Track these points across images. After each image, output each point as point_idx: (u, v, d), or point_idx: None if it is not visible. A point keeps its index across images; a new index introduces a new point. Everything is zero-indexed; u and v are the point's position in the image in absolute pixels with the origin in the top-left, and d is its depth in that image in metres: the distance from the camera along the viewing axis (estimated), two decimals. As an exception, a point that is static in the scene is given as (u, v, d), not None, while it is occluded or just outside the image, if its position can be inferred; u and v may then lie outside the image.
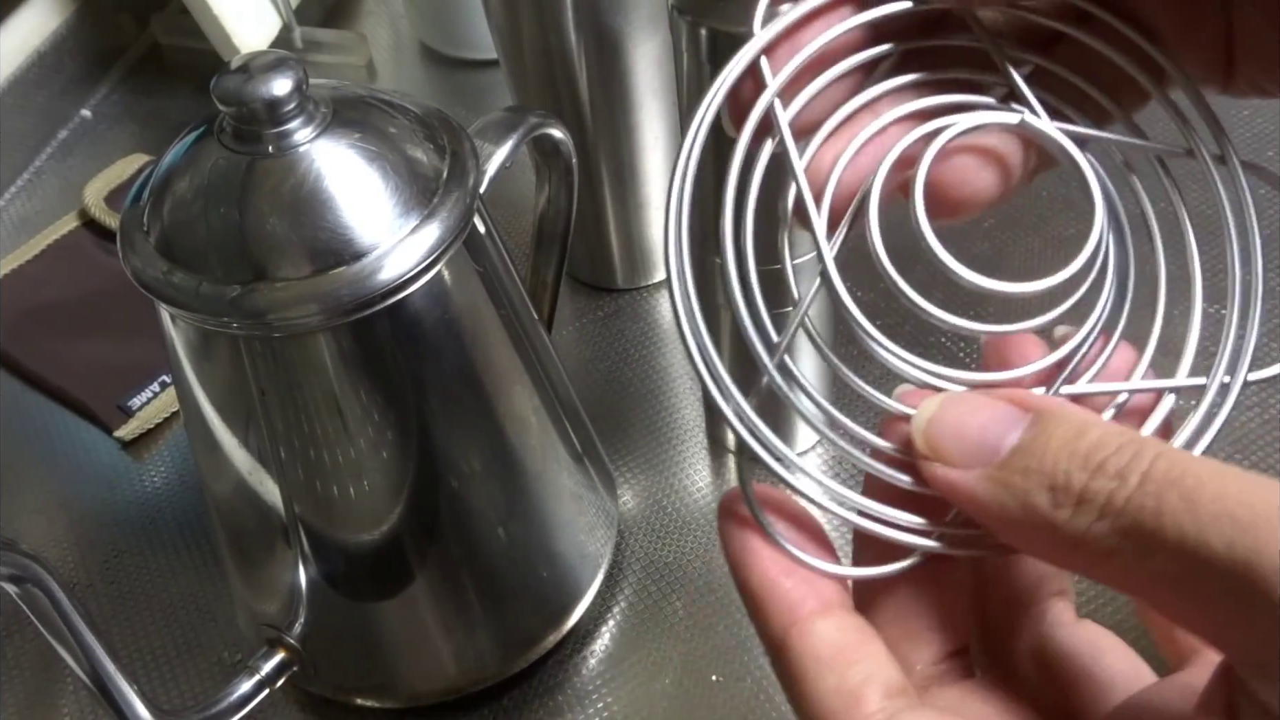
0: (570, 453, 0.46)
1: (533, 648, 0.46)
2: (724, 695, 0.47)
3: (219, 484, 0.41)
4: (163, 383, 0.60)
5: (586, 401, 0.48)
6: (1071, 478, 0.18)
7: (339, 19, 0.86)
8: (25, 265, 0.67)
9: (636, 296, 0.63)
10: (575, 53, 0.51)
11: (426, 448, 0.39)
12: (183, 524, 0.55)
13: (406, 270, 0.34)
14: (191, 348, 0.37)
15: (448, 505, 0.40)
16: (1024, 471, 0.19)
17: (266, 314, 0.33)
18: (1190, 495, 0.17)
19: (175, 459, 0.58)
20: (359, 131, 0.35)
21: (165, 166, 0.35)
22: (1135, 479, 0.18)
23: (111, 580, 0.53)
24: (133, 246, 0.35)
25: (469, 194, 0.36)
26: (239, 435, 0.38)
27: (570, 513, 0.46)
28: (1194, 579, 0.17)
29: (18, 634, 0.51)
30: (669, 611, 0.50)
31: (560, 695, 0.47)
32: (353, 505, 0.39)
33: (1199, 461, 0.18)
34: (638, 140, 0.55)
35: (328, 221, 0.33)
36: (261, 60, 0.34)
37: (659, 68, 0.52)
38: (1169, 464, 0.18)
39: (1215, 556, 0.17)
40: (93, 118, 0.80)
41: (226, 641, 0.50)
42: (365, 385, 0.37)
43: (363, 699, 0.46)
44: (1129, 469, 0.18)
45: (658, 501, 0.53)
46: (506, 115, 0.42)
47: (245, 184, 0.33)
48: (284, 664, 0.42)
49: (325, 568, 0.41)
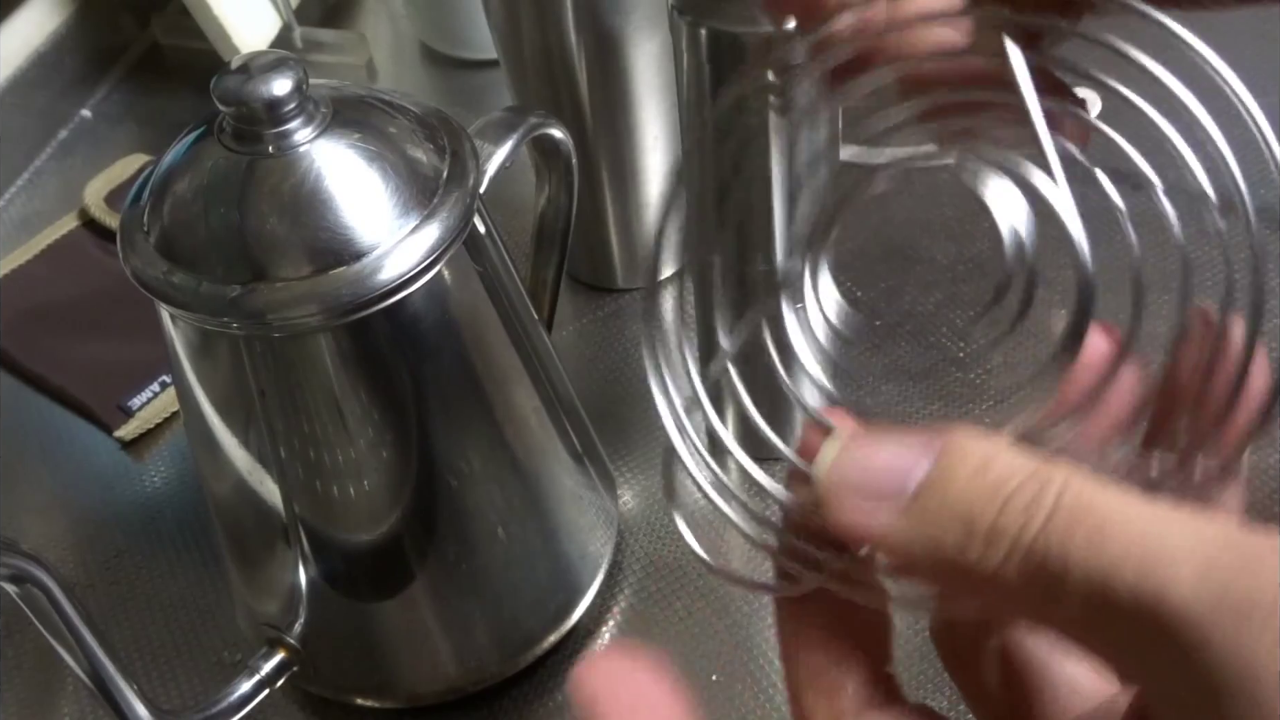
0: (570, 453, 0.46)
1: (533, 648, 0.46)
2: (724, 695, 0.47)
3: (219, 484, 0.41)
4: (163, 383, 0.60)
5: (586, 401, 0.48)
6: (979, 515, 0.17)
7: (339, 19, 0.86)
8: (25, 265, 0.67)
9: (636, 296, 0.63)
10: (575, 53, 0.51)
11: (426, 448, 0.39)
12: (183, 524, 0.55)
13: (406, 270, 0.34)
14: (191, 348, 0.37)
15: (447, 505, 0.40)
16: (931, 511, 0.18)
17: (266, 314, 0.33)
18: (1097, 530, 0.16)
19: (175, 459, 0.58)
20: (359, 131, 0.35)
21: (165, 166, 0.35)
22: (1041, 515, 0.17)
23: (111, 580, 0.53)
24: (133, 246, 0.35)
25: (469, 194, 0.36)
26: (239, 435, 0.38)
27: (570, 513, 0.46)
28: (1103, 619, 0.16)
29: (18, 634, 0.51)
30: (669, 611, 0.50)
31: (560, 695, 0.47)
32: (353, 505, 0.39)
33: (1109, 493, 0.17)
34: (638, 140, 0.55)
35: (328, 221, 0.33)
36: (261, 60, 0.34)
37: (659, 68, 0.52)
38: (1075, 497, 0.17)
39: (1123, 594, 0.16)
40: (93, 118, 0.80)
41: (226, 641, 0.50)
42: (365, 385, 0.37)
43: (363, 699, 0.46)
44: (1035, 504, 0.17)
45: (658, 501, 0.53)
46: (506, 115, 0.42)
47: (245, 184, 0.33)
48: (284, 664, 0.42)
49: (325, 567, 0.41)
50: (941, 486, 0.18)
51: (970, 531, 0.17)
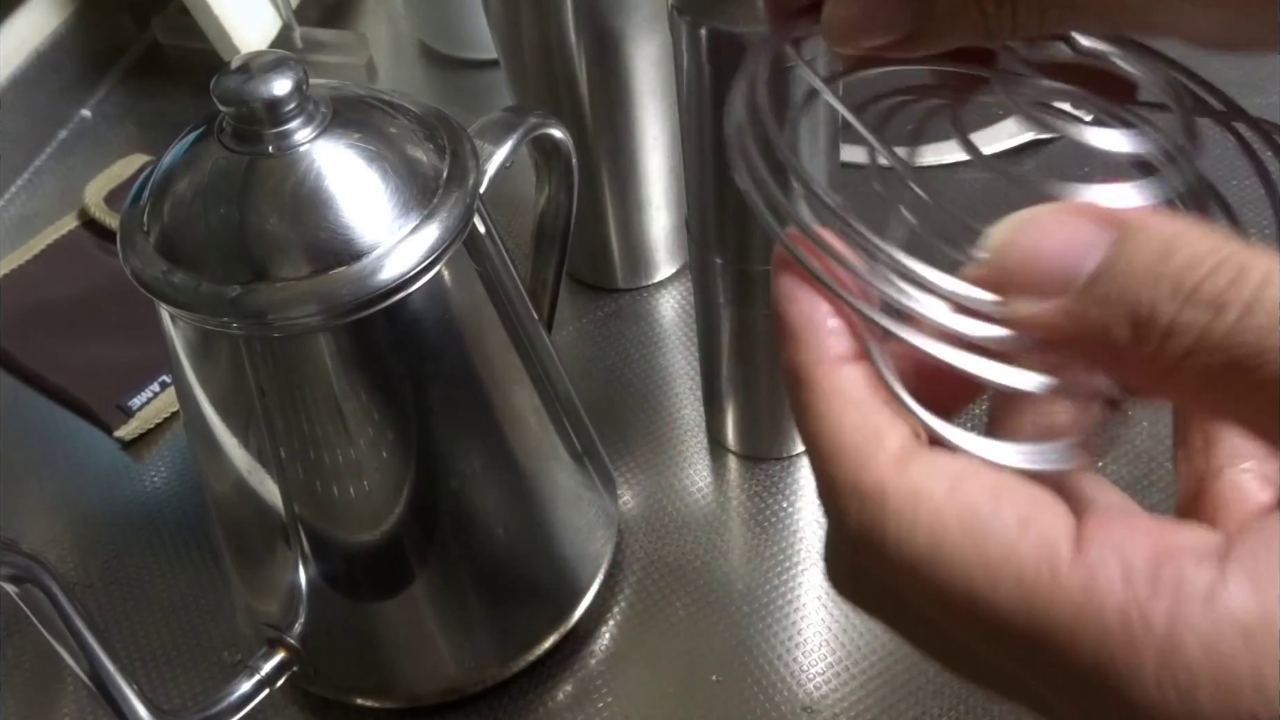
0: (570, 453, 0.46)
1: (533, 648, 0.46)
2: (724, 695, 0.47)
3: (219, 484, 0.41)
4: (163, 383, 0.60)
5: (586, 401, 0.48)
6: (1157, 308, 0.16)
7: (339, 19, 0.86)
8: (25, 265, 0.67)
9: (636, 296, 0.63)
10: (575, 53, 0.51)
11: (426, 448, 0.39)
12: (183, 524, 0.55)
13: (406, 270, 0.34)
14: (191, 348, 0.37)
15: (447, 505, 0.40)
16: (1103, 301, 0.16)
17: (266, 314, 0.33)
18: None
19: (175, 459, 0.58)
20: (359, 131, 0.35)
21: (165, 166, 0.35)
22: (1235, 311, 0.15)
23: (111, 580, 0.53)
24: (133, 246, 0.35)
25: (469, 194, 0.36)
26: (239, 435, 0.38)
27: (570, 513, 0.46)
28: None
29: (18, 634, 0.51)
30: (669, 611, 0.50)
31: (560, 695, 0.47)
32: (353, 505, 0.39)
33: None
34: (638, 140, 0.55)
35: (328, 221, 0.33)
36: (261, 60, 0.34)
37: (659, 68, 0.52)
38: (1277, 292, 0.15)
39: None
40: (93, 118, 0.80)
41: (226, 641, 0.50)
42: (365, 385, 0.37)
43: (363, 699, 0.46)
44: (1227, 297, 0.15)
45: (658, 501, 0.53)
46: (506, 115, 0.42)
47: (245, 184, 0.33)
48: (284, 664, 0.42)
49: (325, 568, 0.41)
50: (1119, 274, 0.16)
51: (1148, 325, 0.16)
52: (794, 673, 0.47)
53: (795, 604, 0.49)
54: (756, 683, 0.47)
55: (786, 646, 0.48)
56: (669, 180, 0.57)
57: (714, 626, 0.49)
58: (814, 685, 0.46)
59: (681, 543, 0.52)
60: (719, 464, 0.55)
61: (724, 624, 0.49)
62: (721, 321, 0.48)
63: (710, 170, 0.42)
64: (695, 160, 0.43)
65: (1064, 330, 0.17)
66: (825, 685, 0.46)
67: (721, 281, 0.46)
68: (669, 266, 0.63)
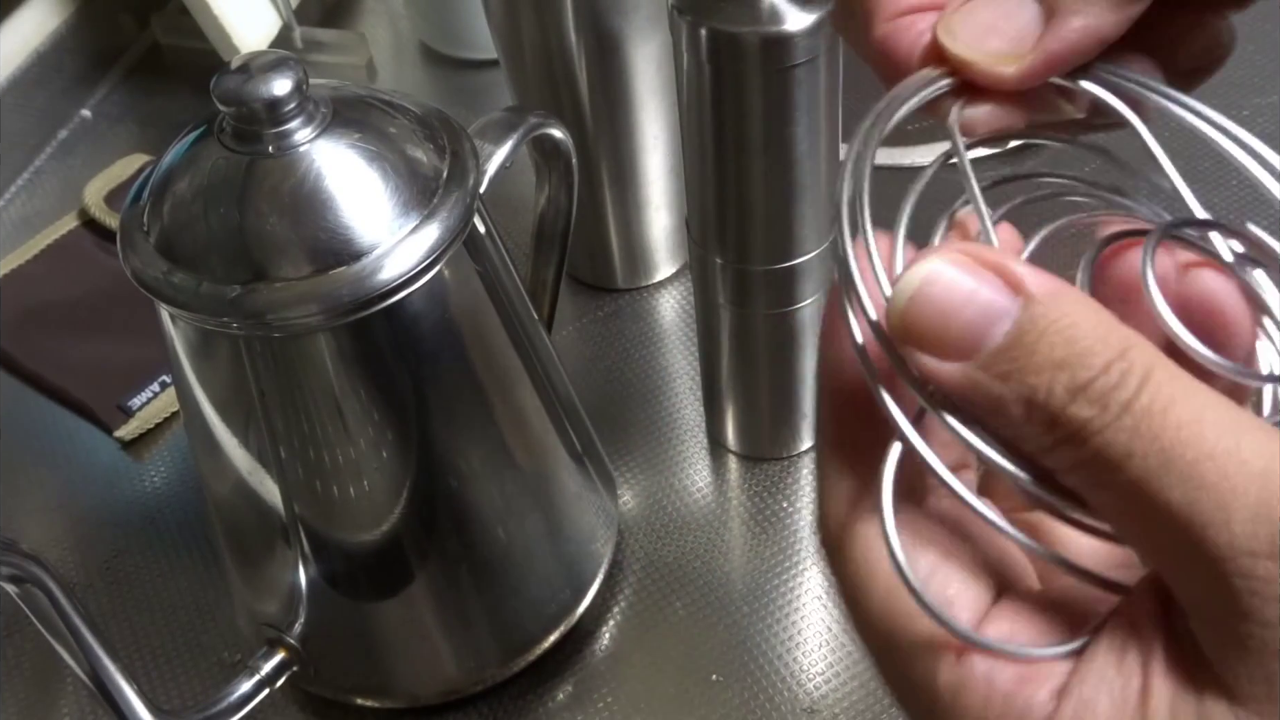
0: (570, 453, 0.46)
1: (533, 647, 0.46)
2: (724, 695, 0.47)
3: (219, 484, 0.41)
4: (163, 383, 0.60)
5: (586, 401, 0.48)
6: (1051, 399, 0.17)
7: (339, 19, 0.86)
8: (25, 265, 0.67)
9: (636, 296, 0.63)
10: (575, 53, 0.51)
11: (426, 448, 0.39)
12: (183, 524, 0.55)
13: (406, 270, 0.34)
14: (191, 348, 0.37)
15: (447, 505, 0.40)
16: (1004, 378, 0.17)
17: (266, 314, 0.33)
18: (1166, 441, 0.16)
19: (175, 459, 0.58)
20: (359, 131, 0.35)
21: (165, 166, 0.35)
22: (1114, 410, 0.16)
23: (111, 580, 0.53)
24: (133, 246, 0.35)
25: (469, 194, 0.36)
26: (239, 435, 0.38)
27: (570, 513, 0.46)
28: (1145, 518, 0.17)
29: (18, 634, 0.51)
30: (669, 611, 0.50)
31: (560, 695, 0.47)
32: (353, 505, 0.39)
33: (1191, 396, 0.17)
34: (638, 140, 0.55)
35: (328, 221, 0.33)
36: (261, 60, 0.34)
37: (659, 68, 0.52)
38: (1152, 397, 0.16)
39: (1172, 509, 0.16)
40: (93, 118, 0.80)
41: (226, 641, 0.50)
42: (365, 385, 0.37)
43: (363, 699, 0.46)
44: (1112, 396, 0.16)
45: (658, 501, 0.53)
46: (506, 115, 0.42)
47: (245, 184, 0.33)
48: (284, 664, 0.42)
49: (325, 568, 0.41)
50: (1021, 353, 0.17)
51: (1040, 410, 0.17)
52: (794, 673, 0.47)
53: (795, 604, 0.49)
54: (756, 683, 0.47)
55: (786, 646, 0.48)
56: (669, 180, 0.57)
57: (714, 626, 0.49)
58: (814, 685, 0.46)
59: (681, 543, 0.52)
60: (719, 464, 0.55)
61: (724, 624, 0.49)
62: (721, 321, 0.48)
63: (710, 170, 0.42)
64: (695, 160, 0.43)
65: (962, 392, 0.18)
66: (825, 685, 0.46)
67: (721, 281, 0.46)
68: (669, 266, 0.63)
